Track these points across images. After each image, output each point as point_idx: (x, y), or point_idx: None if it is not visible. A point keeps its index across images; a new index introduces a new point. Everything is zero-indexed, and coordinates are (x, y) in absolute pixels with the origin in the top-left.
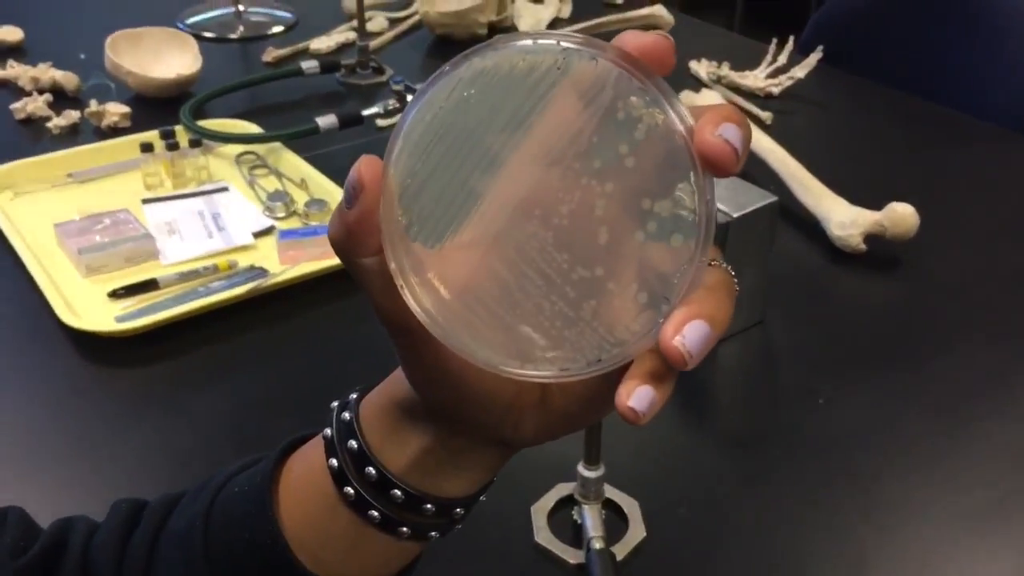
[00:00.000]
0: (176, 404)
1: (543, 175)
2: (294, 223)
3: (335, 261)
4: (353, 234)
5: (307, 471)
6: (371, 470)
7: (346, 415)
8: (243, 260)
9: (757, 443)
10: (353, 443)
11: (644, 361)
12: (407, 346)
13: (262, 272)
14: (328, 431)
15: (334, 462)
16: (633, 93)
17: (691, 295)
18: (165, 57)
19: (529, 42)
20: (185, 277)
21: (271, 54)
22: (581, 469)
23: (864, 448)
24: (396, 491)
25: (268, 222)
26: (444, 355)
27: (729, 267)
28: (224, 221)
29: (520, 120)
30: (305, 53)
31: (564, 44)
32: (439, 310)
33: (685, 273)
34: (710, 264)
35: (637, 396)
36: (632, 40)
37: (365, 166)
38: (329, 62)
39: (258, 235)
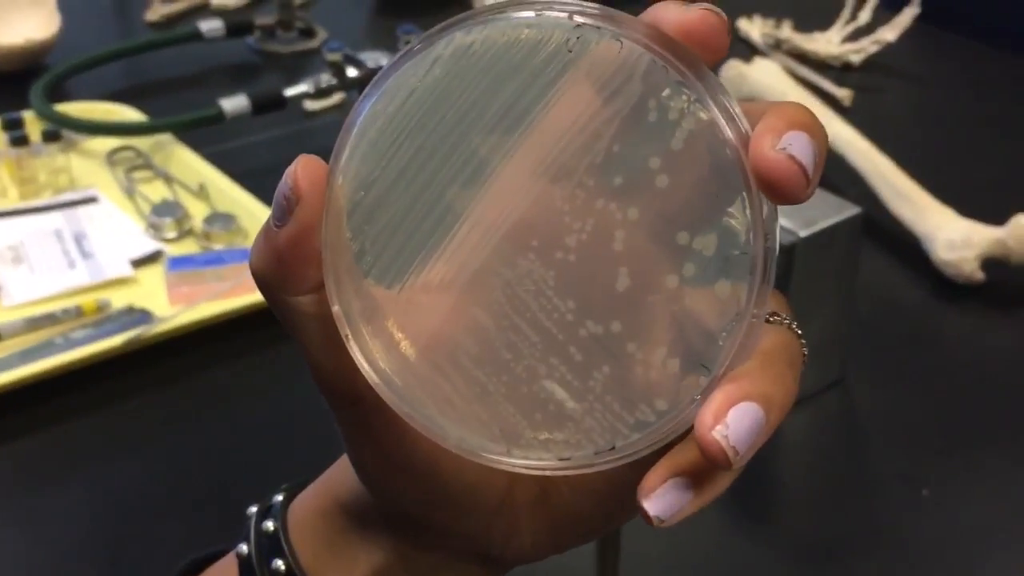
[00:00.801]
0: (20, 504)
1: (544, 192)
2: (189, 247)
3: (248, 300)
4: (284, 263)
5: None
6: None
7: (269, 524)
8: (118, 299)
9: (837, 552)
10: (279, 563)
11: (686, 445)
12: (355, 423)
13: (144, 316)
14: (244, 547)
15: None
16: (669, 88)
17: (740, 364)
18: (9, 15)
19: (531, 13)
20: (35, 324)
21: (157, 11)
22: None
23: (987, 558)
24: None
25: (154, 245)
26: (407, 436)
27: (795, 325)
28: (91, 245)
29: (516, 117)
30: (205, 9)
31: (578, 18)
32: (399, 371)
33: (733, 332)
34: (767, 320)
35: (658, 497)
36: (670, 16)
37: (303, 168)
38: (238, 22)
39: (139, 264)
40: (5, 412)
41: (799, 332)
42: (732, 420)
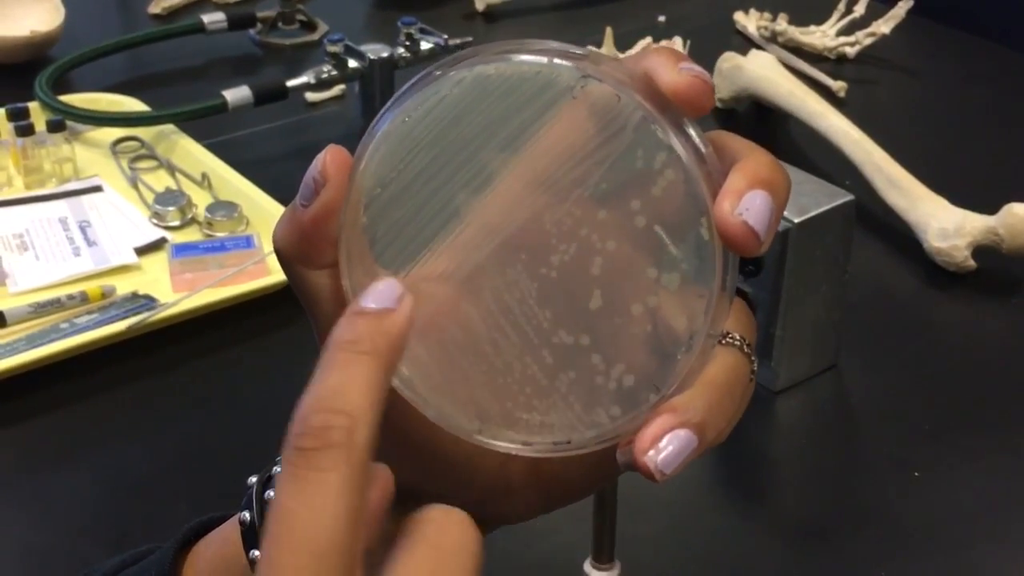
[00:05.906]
0: (26, 486)
1: (538, 214)
2: (193, 235)
3: (250, 286)
4: (306, 239)
5: (219, 565)
6: None
7: (271, 493)
8: (122, 286)
9: (829, 533)
10: None
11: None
12: None
13: (149, 302)
14: (246, 514)
15: (257, 554)
16: (655, 141)
17: (691, 383)
18: (14, 8)
19: (544, 59)
20: (42, 310)
21: (160, 4)
22: (589, 569)
23: (976, 539)
24: None
25: (157, 233)
26: (410, 411)
27: (747, 345)
28: (96, 233)
29: (522, 143)
30: (207, 3)
31: (584, 69)
32: None
33: (685, 356)
34: (721, 342)
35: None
36: (663, 75)
37: (332, 156)
38: (240, 15)
39: (143, 251)
40: (12, 396)
41: (749, 352)
42: (664, 445)
